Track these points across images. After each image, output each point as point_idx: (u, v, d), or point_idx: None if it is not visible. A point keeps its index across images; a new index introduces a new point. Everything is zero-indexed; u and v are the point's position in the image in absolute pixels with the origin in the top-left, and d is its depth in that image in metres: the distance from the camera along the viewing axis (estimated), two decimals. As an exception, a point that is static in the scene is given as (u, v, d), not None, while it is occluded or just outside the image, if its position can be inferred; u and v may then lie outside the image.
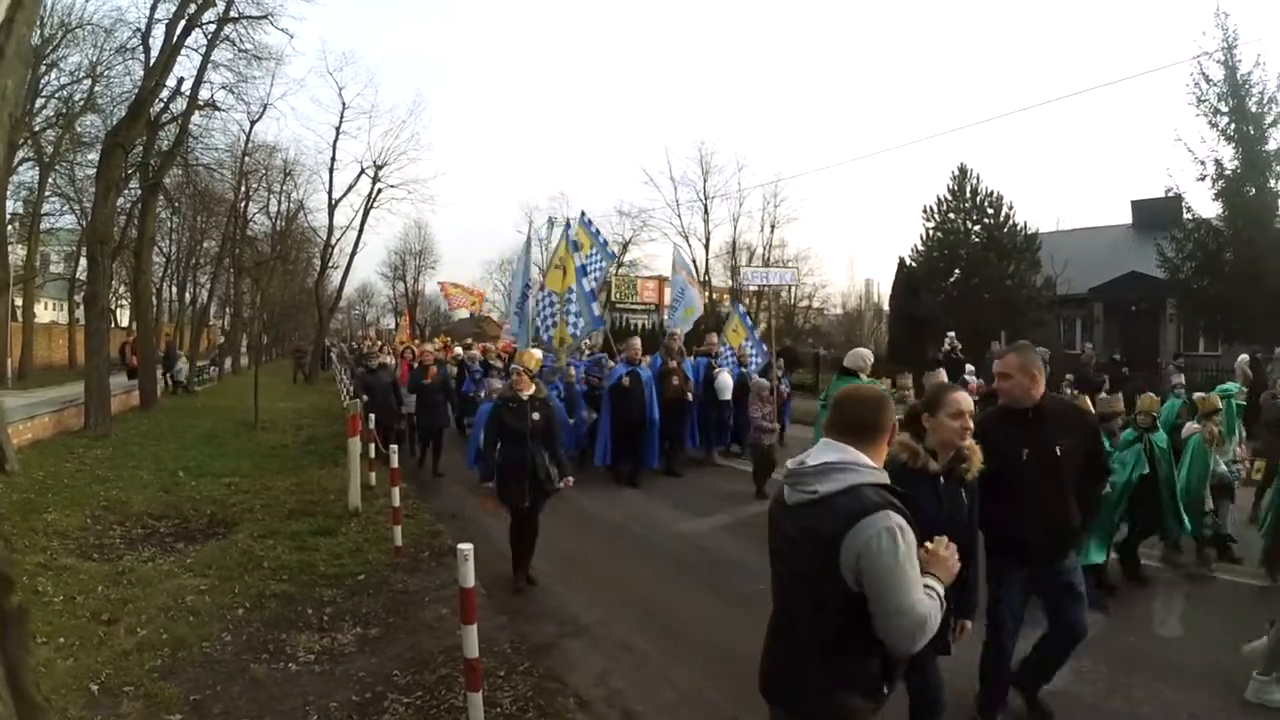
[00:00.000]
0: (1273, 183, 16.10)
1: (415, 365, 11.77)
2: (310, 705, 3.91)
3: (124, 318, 35.34)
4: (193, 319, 31.57)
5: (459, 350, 16.52)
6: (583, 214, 13.30)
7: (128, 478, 9.20)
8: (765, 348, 12.77)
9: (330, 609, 5.19)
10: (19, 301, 25.53)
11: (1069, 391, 9.95)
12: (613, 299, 41.24)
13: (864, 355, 7.45)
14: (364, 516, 7.60)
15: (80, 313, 23.91)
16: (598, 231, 13.23)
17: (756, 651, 2.40)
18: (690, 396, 10.44)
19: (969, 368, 13.99)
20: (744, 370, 11.51)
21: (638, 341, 10.63)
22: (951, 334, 15.48)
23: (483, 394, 10.95)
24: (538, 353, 7.24)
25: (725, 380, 10.81)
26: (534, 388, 5.94)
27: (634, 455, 9.80)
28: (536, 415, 5.77)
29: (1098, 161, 76.96)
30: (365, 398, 9.72)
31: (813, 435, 6.29)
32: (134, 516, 7.54)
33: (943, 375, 8.00)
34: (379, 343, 22.30)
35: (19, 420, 11.39)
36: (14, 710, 1.04)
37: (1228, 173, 16.19)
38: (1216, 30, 16.17)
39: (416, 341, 24.35)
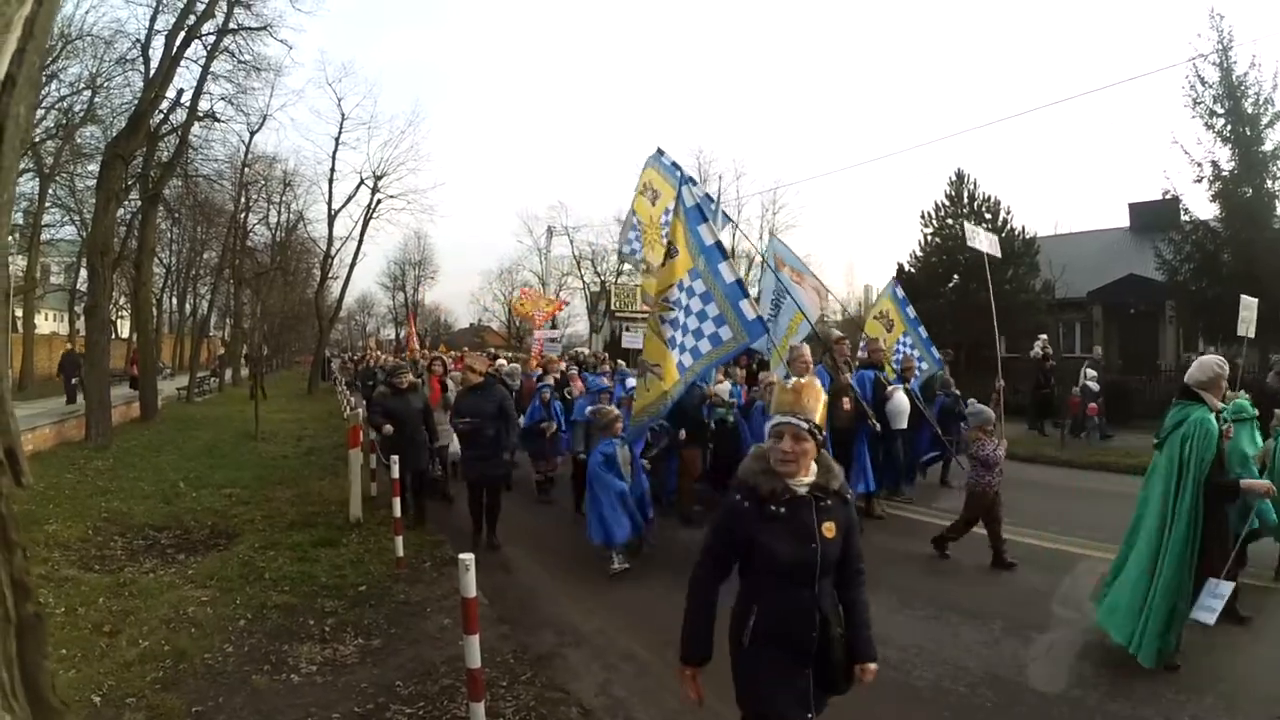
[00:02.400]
0: (1270, 183, 16.13)
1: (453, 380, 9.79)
2: (312, 716, 3.90)
3: (124, 329, 35.37)
4: (193, 330, 31.63)
5: (501, 363, 13.35)
6: (659, 151, 10.28)
7: (129, 489, 9.21)
8: (935, 349, 10.76)
9: (332, 620, 5.19)
10: (19, 312, 25.57)
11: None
12: (612, 308, 41.27)
13: (1213, 366, 4.44)
14: (365, 527, 7.60)
15: (81, 324, 23.94)
16: (683, 173, 9.87)
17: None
18: (877, 425, 7.85)
19: (1091, 372, 13.79)
20: (904, 382, 9.02)
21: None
22: (1043, 337, 15.21)
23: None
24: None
25: (901, 402, 8.46)
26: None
27: None
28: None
29: (1095, 165, 76.98)
30: (384, 431, 7.61)
31: (1143, 491, 4.59)
32: (135, 528, 7.54)
33: None
34: (379, 354, 20.83)
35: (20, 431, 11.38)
36: (30, 713, 1.07)
37: (1224, 174, 16.24)
38: (1211, 32, 16.22)
39: (445, 351, 23.50)
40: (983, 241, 9.36)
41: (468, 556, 3.50)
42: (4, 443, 1.14)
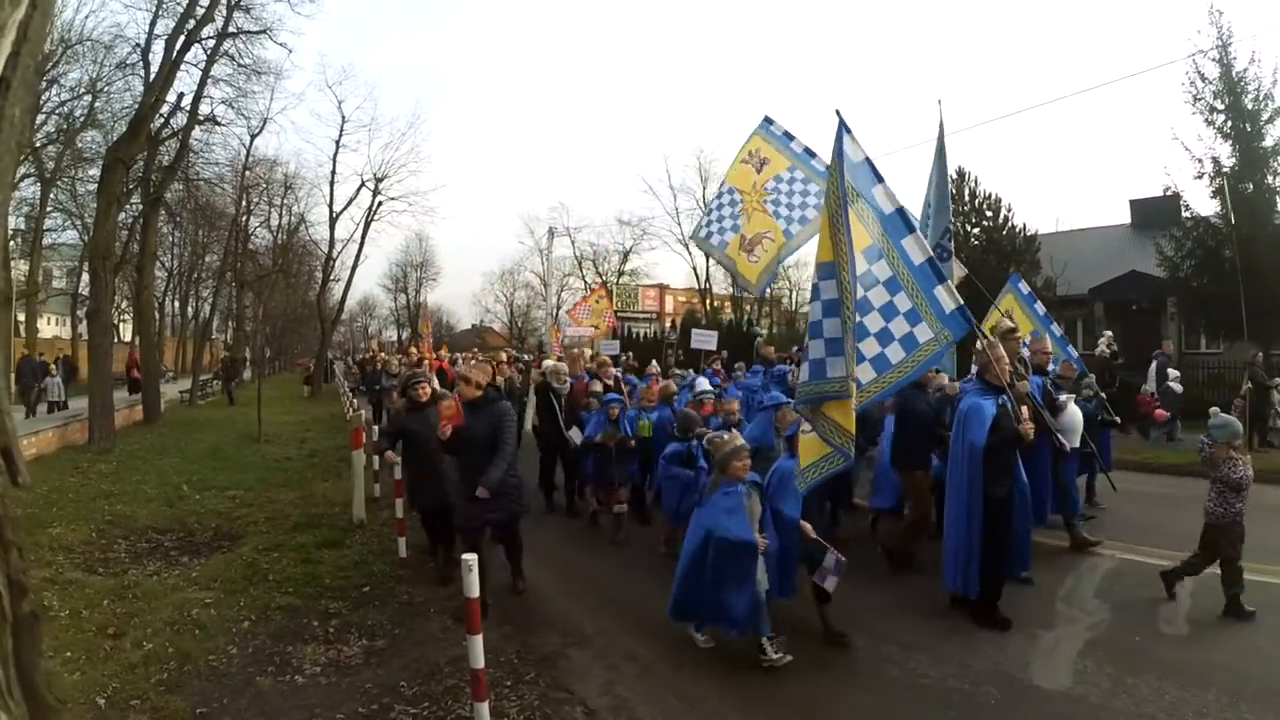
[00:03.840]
0: (1270, 179, 16.11)
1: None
2: (317, 717, 3.90)
3: (127, 332, 35.45)
4: (195, 333, 31.69)
5: (549, 362, 11.43)
6: (768, 119, 8.87)
7: (132, 492, 9.23)
8: (1071, 348, 9.33)
9: (336, 621, 5.19)
10: (21, 317, 25.63)
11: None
12: (614, 308, 41.28)
13: None
14: (368, 528, 7.61)
15: (83, 328, 24.00)
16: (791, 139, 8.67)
17: (760, 658, 2.41)
18: (1066, 445, 6.70)
19: (1174, 372, 13.27)
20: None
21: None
22: (1109, 333, 14.92)
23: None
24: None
25: (1075, 416, 7.02)
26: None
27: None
28: None
29: (1095, 162, 77.00)
30: (388, 460, 6.82)
31: None
32: (139, 530, 7.55)
33: None
34: (384, 356, 18.77)
35: (23, 435, 11.42)
36: (26, 711, 1.08)
37: (1225, 170, 16.21)
38: (1211, 28, 16.20)
39: (446, 351, 22.00)
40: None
41: (470, 557, 3.49)
42: (1, 443, 1.14)
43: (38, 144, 21.12)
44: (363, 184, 30.79)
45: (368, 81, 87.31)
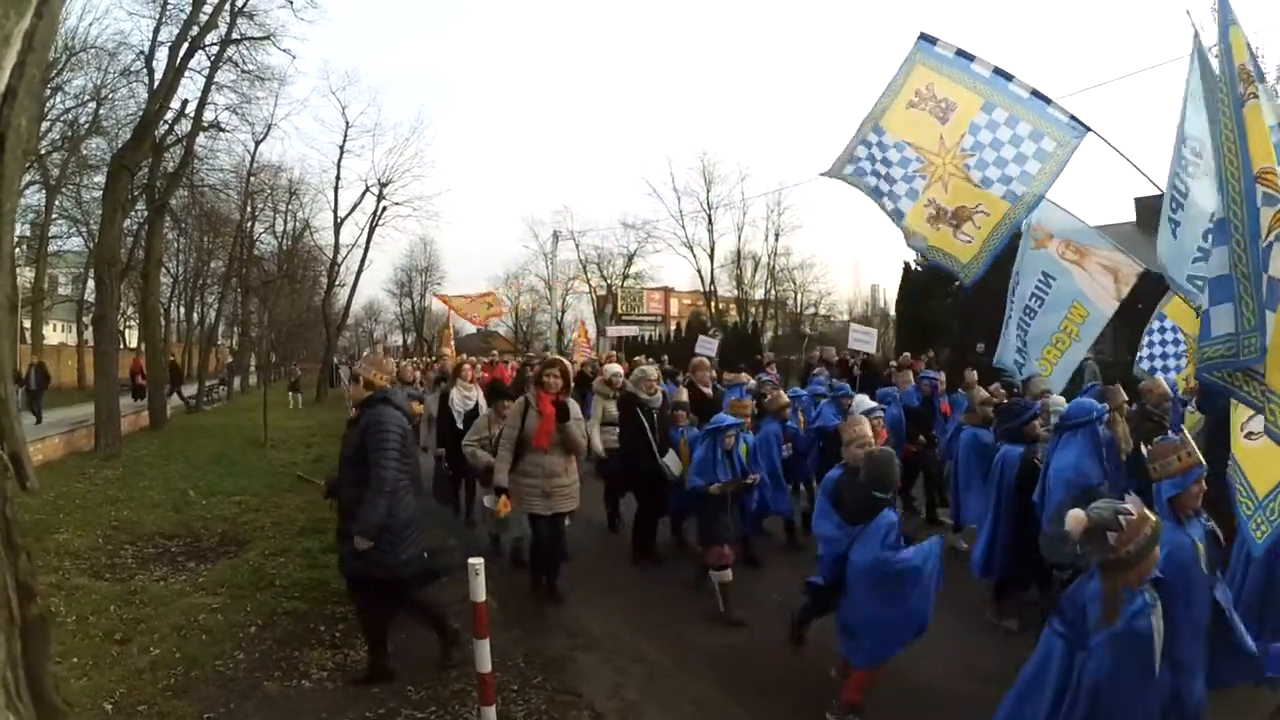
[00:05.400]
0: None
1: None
2: (324, 722, 3.91)
3: (132, 339, 35.61)
4: (200, 339, 31.80)
5: (616, 370, 8.21)
6: (927, 38, 6.40)
7: (138, 498, 9.24)
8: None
9: (342, 625, 5.19)
10: (27, 324, 25.75)
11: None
12: (618, 310, 41.30)
13: None
14: (374, 532, 7.58)
15: (89, 334, 24.10)
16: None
17: (770, 661, 2.40)
18: None
19: None
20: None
21: None
22: None
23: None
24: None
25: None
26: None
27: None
28: None
29: (1099, 160, 76.67)
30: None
31: None
32: (145, 536, 7.56)
33: None
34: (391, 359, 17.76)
35: (30, 441, 11.45)
36: (34, 714, 1.08)
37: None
38: (1214, 25, 16.16)
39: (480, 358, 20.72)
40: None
41: (477, 561, 3.49)
42: (9, 448, 1.14)
43: (42, 151, 21.24)
44: (367, 189, 30.92)
45: (371, 86, 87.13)
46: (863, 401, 7.02)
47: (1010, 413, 5.76)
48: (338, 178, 30.28)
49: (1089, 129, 5.63)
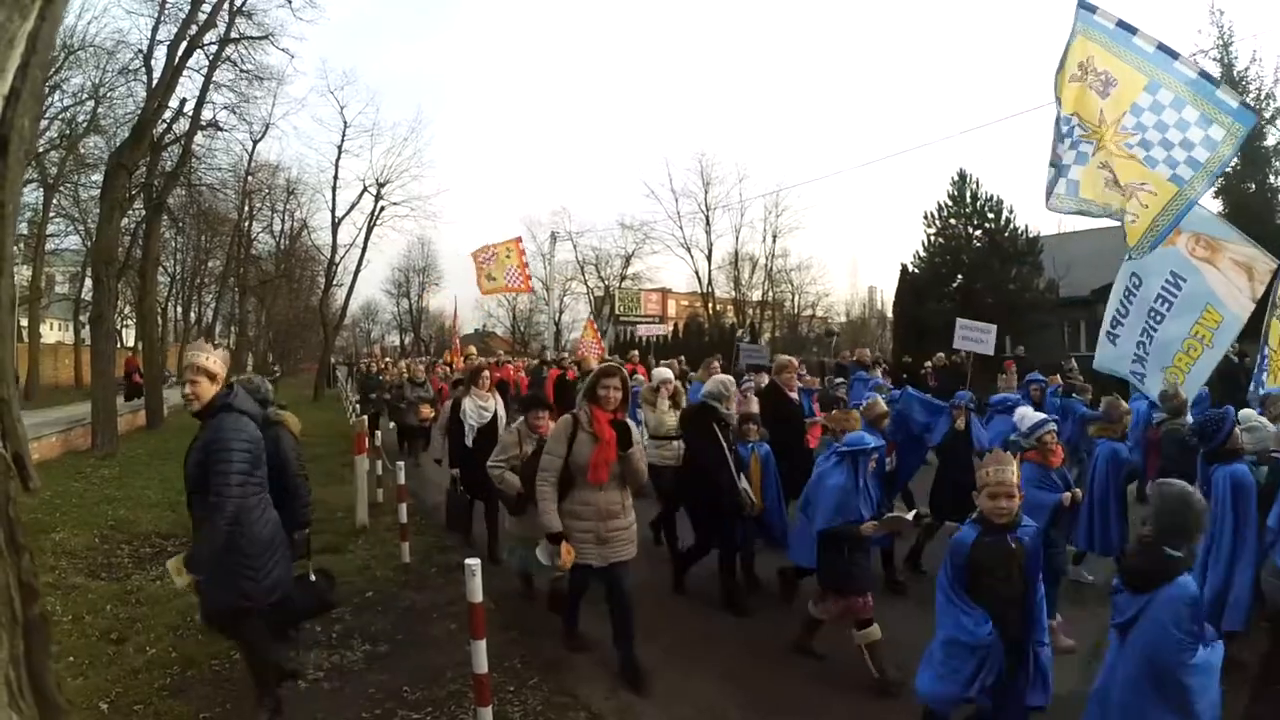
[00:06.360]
0: (1271, 179, 16.12)
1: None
2: (320, 722, 3.91)
3: (129, 338, 35.57)
4: (198, 338, 31.75)
5: (666, 372, 7.64)
6: (1088, 6, 6.27)
7: (135, 497, 9.22)
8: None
9: (339, 626, 5.19)
10: (24, 322, 25.68)
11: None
12: (616, 312, 41.30)
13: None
14: (371, 534, 7.60)
15: (86, 333, 24.06)
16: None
17: (769, 664, 2.40)
18: None
19: None
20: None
21: None
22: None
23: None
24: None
25: None
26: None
27: None
28: None
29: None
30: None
31: None
32: (142, 535, 7.55)
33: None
34: (388, 360, 16.20)
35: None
36: (36, 712, 1.09)
37: (1227, 170, 16.21)
38: (1212, 28, 16.27)
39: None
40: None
41: (474, 562, 3.49)
42: (12, 448, 1.15)
43: (41, 149, 21.19)
44: (365, 189, 30.84)
45: (370, 86, 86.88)
46: (1027, 414, 5.57)
47: (1210, 427, 4.68)
48: (335, 177, 30.21)
49: (1257, 114, 5.79)
